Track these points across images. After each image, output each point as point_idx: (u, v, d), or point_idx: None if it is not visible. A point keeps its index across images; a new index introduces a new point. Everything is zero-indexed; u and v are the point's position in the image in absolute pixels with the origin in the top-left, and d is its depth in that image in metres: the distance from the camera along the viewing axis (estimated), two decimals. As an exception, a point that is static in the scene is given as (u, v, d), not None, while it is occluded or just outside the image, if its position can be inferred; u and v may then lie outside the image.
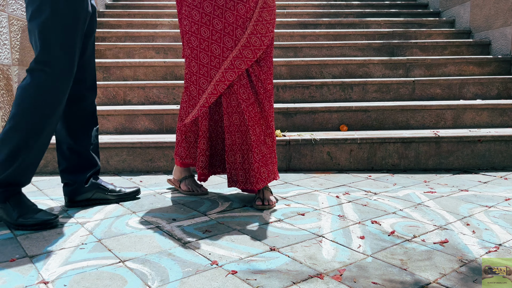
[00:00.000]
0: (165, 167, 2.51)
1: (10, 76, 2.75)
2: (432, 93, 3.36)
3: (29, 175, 1.62)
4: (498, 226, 1.56)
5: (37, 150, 1.58)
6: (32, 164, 1.60)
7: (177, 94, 3.20)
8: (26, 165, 1.57)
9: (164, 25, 4.46)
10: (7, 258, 1.30)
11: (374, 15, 5.02)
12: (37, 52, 1.54)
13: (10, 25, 2.76)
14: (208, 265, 1.25)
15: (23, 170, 1.58)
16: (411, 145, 2.55)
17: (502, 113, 2.98)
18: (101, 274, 1.19)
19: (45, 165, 2.47)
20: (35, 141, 1.55)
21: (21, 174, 1.59)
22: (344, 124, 2.91)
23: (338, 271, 1.21)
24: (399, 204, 1.84)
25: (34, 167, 1.61)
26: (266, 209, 1.79)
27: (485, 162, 2.57)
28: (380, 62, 3.62)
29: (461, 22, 4.55)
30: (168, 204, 1.87)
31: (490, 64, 3.73)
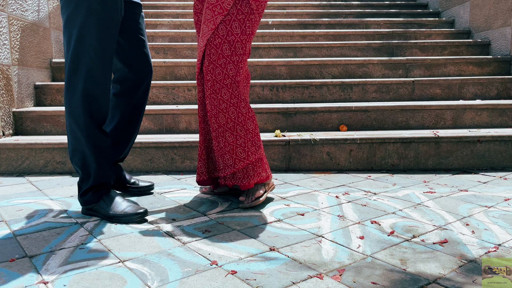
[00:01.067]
0: (164, 167, 2.51)
1: (9, 76, 2.75)
2: (431, 93, 3.37)
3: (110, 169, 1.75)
4: (497, 226, 1.56)
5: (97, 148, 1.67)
6: (105, 158, 1.70)
7: (176, 94, 3.20)
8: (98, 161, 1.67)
9: (164, 25, 4.46)
10: (6, 258, 1.30)
11: (374, 15, 5.02)
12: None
13: (10, 25, 2.76)
14: (208, 265, 1.25)
15: (102, 167, 1.69)
16: (411, 145, 2.55)
17: (501, 113, 2.98)
18: (100, 274, 1.19)
19: (44, 165, 2.47)
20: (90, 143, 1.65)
21: (104, 171, 1.70)
22: (343, 124, 2.91)
23: (337, 271, 1.21)
24: (399, 204, 1.84)
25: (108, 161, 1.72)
26: (245, 206, 1.80)
27: (485, 162, 2.57)
28: (379, 62, 3.62)
29: (460, 22, 4.55)
30: (167, 204, 1.87)
31: (489, 64, 3.73)
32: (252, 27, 1.73)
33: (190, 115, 2.86)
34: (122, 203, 1.67)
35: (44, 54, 3.27)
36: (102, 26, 1.58)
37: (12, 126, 2.77)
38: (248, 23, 1.71)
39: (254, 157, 1.78)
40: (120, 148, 1.97)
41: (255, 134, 1.79)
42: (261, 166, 1.82)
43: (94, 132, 1.65)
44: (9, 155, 2.46)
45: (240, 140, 1.76)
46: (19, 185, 2.21)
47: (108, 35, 1.61)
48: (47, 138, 2.61)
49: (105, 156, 1.70)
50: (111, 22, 1.60)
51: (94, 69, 1.60)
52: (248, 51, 1.75)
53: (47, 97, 3.15)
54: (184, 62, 3.47)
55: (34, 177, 2.38)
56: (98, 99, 1.64)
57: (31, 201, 1.92)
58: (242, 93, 1.76)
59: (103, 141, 1.68)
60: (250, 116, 1.77)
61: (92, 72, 1.59)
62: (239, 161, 1.77)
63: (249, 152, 1.77)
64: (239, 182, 1.80)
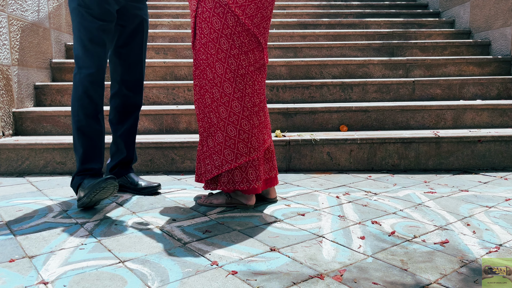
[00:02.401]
0: (164, 168, 2.50)
1: (9, 76, 2.75)
2: (432, 93, 3.36)
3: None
4: (498, 227, 1.56)
5: (95, 130, 1.83)
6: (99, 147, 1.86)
7: (176, 95, 3.20)
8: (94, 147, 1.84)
9: (164, 25, 4.46)
10: (6, 258, 1.30)
11: (374, 15, 5.02)
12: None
13: (10, 25, 2.75)
14: (208, 265, 1.24)
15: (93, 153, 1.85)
16: (411, 145, 2.55)
17: (502, 114, 2.97)
18: (101, 274, 1.19)
19: (44, 165, 2.47)
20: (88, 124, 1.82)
21: (90, 157, 1.84)
22: (344, 125, 2.91)
23: (338, 271, 1.20)
24: (399, 205, 1.84)
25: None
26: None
27: (485, 162, 2.57)
28: (380, 63, 3.62)
29: (461, 23, 4.55)
30: (168, 204, 1.87)
31: (490, 64, 3.73)
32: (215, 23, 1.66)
33: (190, 115, 2.85)
34: (88, 182, 1.77)
35: (44, 54, 3.27)
36: (88, 24, 1.76)
37: (12, 127, 2.77)
38: (214, 19, 1.66)
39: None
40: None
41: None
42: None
43: (82, 119, 1.80)
44: (9, 156, 2.45)
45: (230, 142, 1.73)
46: (19, 185, 2.21)
47: (95, 35, 1.77)
48: (47, 138, 2.60)
49: (92, 143, 1.83)
50: (95, 21, 1.77)
51: (86, 62, 1.79)
52: (225, 48, 1.67)
53: (47, 98, 3.15)
54: (184, 62, 3.47)
55: (34, 178, 2.38)
56: (89, 88, 1.79)
57: (31, 201, 1.91)
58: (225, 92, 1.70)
59: (92, 129, 1.82)
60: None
61: (83, 65, 1.79)
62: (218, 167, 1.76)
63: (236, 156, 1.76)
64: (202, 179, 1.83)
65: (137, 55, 2.01)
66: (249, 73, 1.70)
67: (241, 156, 1.72)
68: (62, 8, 3.62)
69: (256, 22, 1.69)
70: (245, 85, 1.70)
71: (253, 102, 1.72)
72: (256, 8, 1.66)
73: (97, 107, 1.84)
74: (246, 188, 1.74)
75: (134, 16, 1.95)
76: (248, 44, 1.69)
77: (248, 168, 1.74)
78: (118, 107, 2.04)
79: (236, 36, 1.66)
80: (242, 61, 1.68)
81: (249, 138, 1.72)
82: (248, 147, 1.73)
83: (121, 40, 1.97)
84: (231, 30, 1.65)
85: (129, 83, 2.02)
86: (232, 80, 1.69)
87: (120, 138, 2.05)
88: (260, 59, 1.74)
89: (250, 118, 1.72)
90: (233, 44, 1.67)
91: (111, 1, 1.80)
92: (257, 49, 1.72)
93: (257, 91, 1.74)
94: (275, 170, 1.87)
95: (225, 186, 1.75)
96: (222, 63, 1.68)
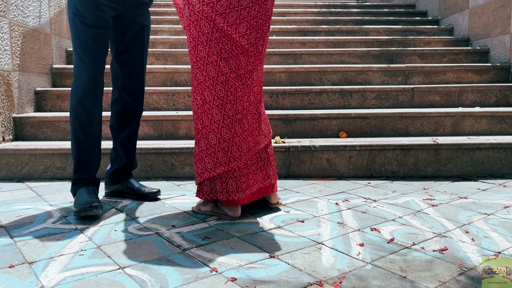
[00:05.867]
0: (164, 173, 2.51)
1: (10, 81, 2.76)
2: (431, 100, 3.38)
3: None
4: (497, 234, 1.56)
5: (93, 138, 1.87)
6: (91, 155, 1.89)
7: (176, 100, 3.21)
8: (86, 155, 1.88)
9: (164, 31, 4.48)
10: (6, 264, 1.30)
11: (373, 22, 5.05)
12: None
13: (11, 31, 2.77)
14: (208, 272, 1.25)
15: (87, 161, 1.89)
16: (410, 152, 2.55)
17: (500, 121, 2.99)
18: (100, 280, 1.19)
19: (44, 170, 2.47)
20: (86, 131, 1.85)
21: (82, 166, 1.89)
22: (343, 131, 2.91)
23: (337, 278, 1.20)
24: (399, 211, 1.84)
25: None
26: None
27: (484, 169, 2.58)
28: (379, 69, 3.64)
29: (459, 30, 4.57)
30: (167, 210, 1.87)
31: (488, 71, 3.75)
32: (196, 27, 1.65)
33: (190, 121, 2.86)
34: (80, 197, 1.80)
35: (45, 60, 3.28)
36: (80, 32, 1.79)
37: (12, 132, 2.77)
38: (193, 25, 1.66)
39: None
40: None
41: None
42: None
43: (77, 128, 1.84)
44: (9, 161, 2.46)
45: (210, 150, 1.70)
46: (19, 190, 2.21)
47: (88, 45, 1.80)
48: (47, 143, 2.61)
49: (85, 153, 1.87)
50: (88, 30, 1.79)
51: (81, 72, 1.82)
52: (203, 55, 1.65)
53: (47, 103, 3.16)
54: (185, 68, 3.48)
55: (33, 183, 2.38)
56: (82, 98, 1.82)
57: (30, 207, 1.91)
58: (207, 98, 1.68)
59: (85, 138, 1.85)
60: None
61: (78, 74, 1.83)
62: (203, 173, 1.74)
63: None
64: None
65: (138, 62, 2.01)
66: (231, 79, 1.65)
67: (220, 165, 1.68)
68: (63, 14, 3.64)
69: (242, 31, 1.64)
70: (227, 92, 1.66)
71: (235, 109, 1.67)
72: (235, 12, 1.61)
73: (91, 116, 1.85)
74: (226, 199, 1.71)
75: (134, 22, 1.96)
76: (229, 50, 1.64)
77: (228, 179, 1.70)
78: (119, 113, 2.05)
79: (214, 43, 1.63)
80: (222, 68, 1.64)
81: (229, 147, 1.68)
82: (228, 157, 1.68)
83: (121, 46, 1.98)
84: (207, 37, 1.63)
85: (130, 90, 2.03)
86: (212, 88, 1.66)
87: (120, 144, 2.06)
88: (247, 64, 1.68)
89: (231, 126, 1.67)
90: (210, 51, 1.64)
91: (105, 8, 1.80)
92: (242, 55, 1.67)
93: (239, 98, 1.67)
94: (270, 178, 1.82)
95: (207, 195, 1.74)
96: (201, 70, 1.66)
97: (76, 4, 1.79)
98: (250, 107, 1.72)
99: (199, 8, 1.61)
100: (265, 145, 1.80)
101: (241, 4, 1.61)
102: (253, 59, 1.69)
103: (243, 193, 1.71)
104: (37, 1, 3.14)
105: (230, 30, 1.62)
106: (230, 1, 1.59)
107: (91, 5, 1.78)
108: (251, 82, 1.71)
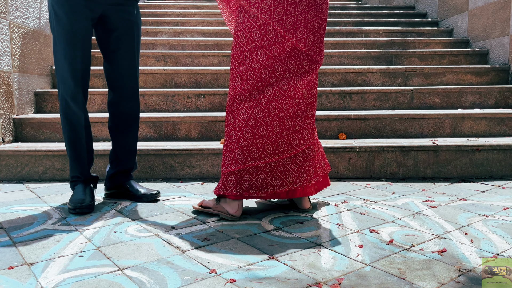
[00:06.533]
0: (164, 175, 2.51)
1: (10, 83, 2.76)
2: (430, 102, 3.38)
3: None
4: (496, 236, 1.57)
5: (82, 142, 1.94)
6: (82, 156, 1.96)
7: (176, 102, 3.21)
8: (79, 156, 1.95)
9: (164, 32, 4.49)
10: (5, 265, 1.30)
11: (373, 24, 5.06)
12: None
13: (11, 32, 2.77)
14: (207, 273, 1.25)
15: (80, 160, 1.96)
16: (410, 153, 2.56)
17: (500, 122, 2.99)
18: (99, 282, 1.19)
19: (44, 172, 2.47)
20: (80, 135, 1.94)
21: (76, 165, 1.97)
22: (343, 133, 2.92)
23: (336, 280, 1.21)
24: (398, 213, 1.85)
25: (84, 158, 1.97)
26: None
27: (483, 171, 2.58)
28: (378, 71, 3.65)
29: (459, 32, 4.58)
30: (167, 211, 1.87)
31: (488, 73, 3.76)
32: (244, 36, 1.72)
33: (190, 123, 2.87)
34: (74, 195, 1.89)
35: (44, 61, 3.29)
36: (58, 36, 1.81)
37: (12, 133, 2.78)
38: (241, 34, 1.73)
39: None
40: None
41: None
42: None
43: (68, 129, 1.91)
44: (9, 162, 2.46)
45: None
46: (19, 192, 2.21)
47: (67, 50, 1.81)
48: (47, 145, 2.61)
49: (78, 153, 1.94)
50: (66, 35, 1.80)
51: (62, 76, 1.85)
52: (249, 60, 1.71)
53: (47, 104, 3.16)
54: (184, 69, 3.48)
55: (33, 184, 2.38)
56: (69, 102, 1.87)
57: (30, 208, 1.92)
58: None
59: (76, 139, 1.92)
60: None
61: (60, 79, 1.87)
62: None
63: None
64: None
65: (129, 61, 1.96)
66: (269, 84, 1.71)
67: (236, 162, 1.73)
68: (63, 15, 3.64)
69: (299, 35, 1.69)
70: (260, 96, 1.71)
71: (265, 112, 1.71)
72: (292, 18, 1.67)
73: (79, 118, 1.89)
74: (239, 194, 1.73)
75: (121, 19, 1.90)
76: (276, 56, 1.70)
77: (244, 175, 1.74)
78: (115, 115, 2.03)
79: (262, 51, 1.69)
80: (262, 74, 1.70)
81: (248, 146, 1.72)
82: (245, 155, 1.72)
83: (110, 45, 1.93)
84: (256, 45, 1.69)
85: (122, 90, 1.99)
86: (247, 92, 1.72)
87: (119, 146, 2.06)
88: (298, 67, 1.72)
89: (255, 127, 1.71)
90: (255, 58, 1.70)
91: (83, 9, 1.79)
92: (291, 58, 1.71)
93: (276, 101, 1.72)
94: (302, 182, 1.81)
95: (218, 189, 1.78)
96: (242, 75, 1.72)
97: (54, 6, 1.78)
98: (290, 110, 1.75)
99: (254, 15, 1.67)
100: (302, 149, 1.81)
101: (298, 10, 1.68)
102: (307, 62, 1.73)
103: (260, 191, 1.75)
104: (37, 3, 3.15)
105: (288, 35, 1.68)
106: (287, 8, 1.67)
107: (67, 7, 1.76)
108: (300, 85, 1.74)
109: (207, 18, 5.06)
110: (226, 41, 4.12)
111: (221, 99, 3.24)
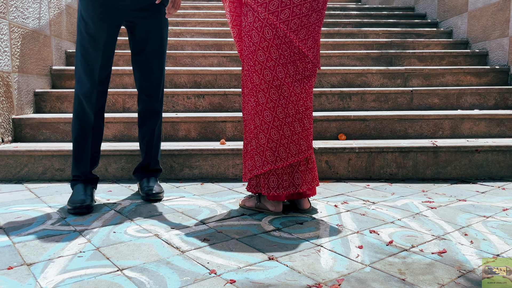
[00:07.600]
0: (163, 175, 2.51)
1: (10, 83, 2.76)
2: (430, 103, 3.38)
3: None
4: (496, 237, 1.57)
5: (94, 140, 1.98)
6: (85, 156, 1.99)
7: (176, 102, 3.21)
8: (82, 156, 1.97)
9: (164, 33, 4.48)
10: (4, 265, 1.30)
11: (372, 25, 5.06)
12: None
13: (11, 32, 2.77)
14: (207, 274, 1.25)
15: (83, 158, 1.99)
16: (409, 154, 2.56)
17: (499, 123, 2.99)
18: (99, 282, 1.19)
19: (43, 172, 2.47)
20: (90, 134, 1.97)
21: (76, 164, 2.00)
22: (342, 133, 2.92)
23: (336, 281, 1.21)
24: (398, 214, 1.85)
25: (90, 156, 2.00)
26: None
27: (483, 172, 2.58)
28: (378, 72, 3.65)
29: (458, 33, 4.59)
30: (166, 212, 1.87)
31: (487, 74, 3.76)
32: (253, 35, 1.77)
33: (189, 123, 2.86)
34: (74, 195, 1.90)
35: (44, 61, 3.28)
36: (83, 39, 1.87)
37: (11, 133, 2.77)
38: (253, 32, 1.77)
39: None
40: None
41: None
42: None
43: (77, 128, 1.94)
44: (8, 162, 2.46)
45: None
46: (18, 192, 2.21)
47: (89, 52, 1.87)
48: (46, 145, 2.61)
49: (82, 152, 1.96)
50: (89, 38, 1.86)
51: (81, 77, 1.90)
52: (263, 58, 1.74)
53: (46, 104, 3.16)
54: (184, 70, 3.48)
55: (32, 184, 2.38)
56: (79, 104, 1.92)
57: (29, 208, 1.91)
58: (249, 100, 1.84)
59: (83, 139, 1.95)
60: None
61: (78, 79, 1.91)
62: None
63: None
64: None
65: (152, 62, 2.04)
66: (285, 84, 1.74)
67: (267, 163, 1.79)
68: (63, 15, 3.64)
69: (301, 36, 1.73)
70: (279, 96, 1.75)
71: (286, 112, 1.76)
72: (297, 19, 1.71)
73: (91, 119, 1.93)
74: (267, 194, 1.81)
75: (145, 24, 1.97)
76: (288, 56, 1.73)
77: (271, 175, 1.79)
78: (140, 112, 2.14)
79: (274, 49, 1.72)
80: (278, 73, 1.73)
81: (277, 147, 1.78)
82: (275, 156, 1.78)
83: (135, 47, 2.02)
84: (268, 43, 1.72)
85: (146, 89, 2.08)
86: (266, 91, 1.75)
87: (142, 142, 2.15)
88: (304, 70, 1.77)
89: (280, 128, 1.77)
90: (269, 56, 1.73)
91: (109, 16, 1.84)
92: (299, 61, 1.76)
93: (293, 102, 1.77)
94: (316, 182, 1.88)
95: (253, 188, 1.88)
96: (258, 74, 1.76)
97: (82, 11, 1.85)
98: (307, 112, 1.81)
99: (264, 16, 1.71)
100: (313, 148, 1.90)
101: (302, 12, 1.71)
102: (311, 65, 1.79)
103: (285, 190, 1.80)
104: (37, 3, 3.15)
105: (292, 36, 1.72)
106: (293, 10, 1.70)
107: (94, 13, 1.82)
108: (309, 87, 1.80)
109: (206, 18, 5.07)
110: (225, 42, 4.13)
111: (220, 99, 3.24)
